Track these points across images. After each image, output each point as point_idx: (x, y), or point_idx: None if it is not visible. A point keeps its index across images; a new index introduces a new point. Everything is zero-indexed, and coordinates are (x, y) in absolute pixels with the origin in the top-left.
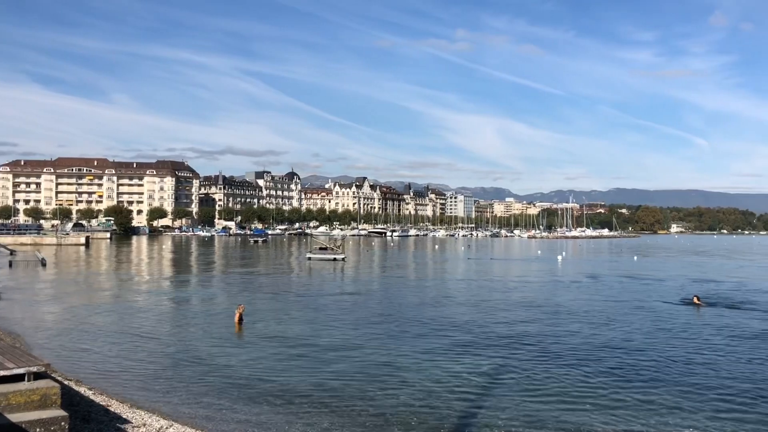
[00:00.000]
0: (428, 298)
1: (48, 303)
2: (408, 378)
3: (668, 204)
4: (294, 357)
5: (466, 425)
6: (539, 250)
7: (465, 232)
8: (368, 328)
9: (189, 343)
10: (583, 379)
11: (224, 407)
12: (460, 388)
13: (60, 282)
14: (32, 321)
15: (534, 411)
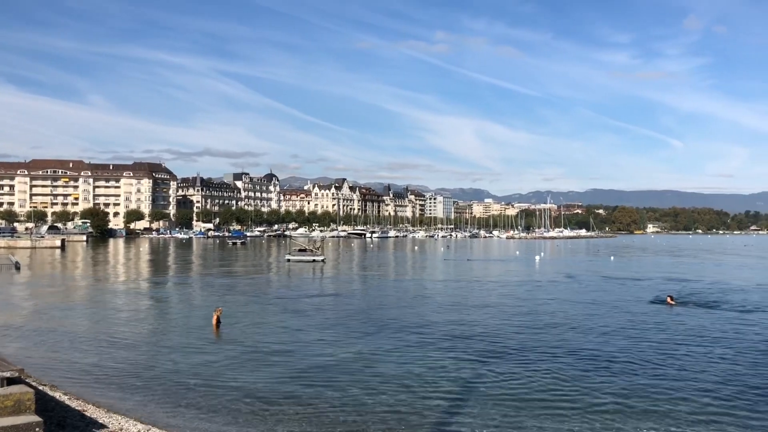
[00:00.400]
0: (407, 299)
1: (22, 307)
2: (388, 380)
3: (644, 204)
4: (273, 360)
5: (445, 426)
6: (518, 250)
7: (444, 233)
8: (347, 330)
9: (166, 346)
10: (557, 380)
11: (203, 412)
12: (439, 390)
13: (34, 286)
14: (5, 325)
15: (509, 412)
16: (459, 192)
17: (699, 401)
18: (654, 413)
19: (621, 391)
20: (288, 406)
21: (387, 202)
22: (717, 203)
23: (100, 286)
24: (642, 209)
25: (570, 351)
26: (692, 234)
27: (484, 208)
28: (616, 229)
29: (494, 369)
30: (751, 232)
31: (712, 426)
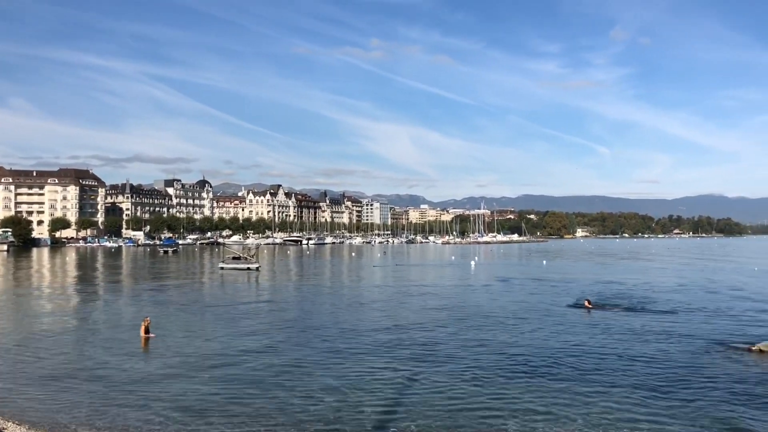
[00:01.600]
0: (343, 306)
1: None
2: (322, 388)
3: (574, 209)
4: (203, 370)
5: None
6: (453, 255)
7: (381, 239)
8: (282, 338)
9: (92, 359)
10: (480, 381)
11: (130, 424)
12: (373, 395)
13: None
14: None
15: (440, 415)
16: (395, 198)
17: (610, 396)
18: (569, 406)
19: (539, 389)
20: (218, 417)
21: (323, 208)
22: (642, 208)
23: (21, 297)
24: (572, 214)
25: (493, 353)
26: (619, 238)
27: (420, 214)
28: (547, 234)
29: (425, 373)
30: (674, 236)
31: (618, 420)
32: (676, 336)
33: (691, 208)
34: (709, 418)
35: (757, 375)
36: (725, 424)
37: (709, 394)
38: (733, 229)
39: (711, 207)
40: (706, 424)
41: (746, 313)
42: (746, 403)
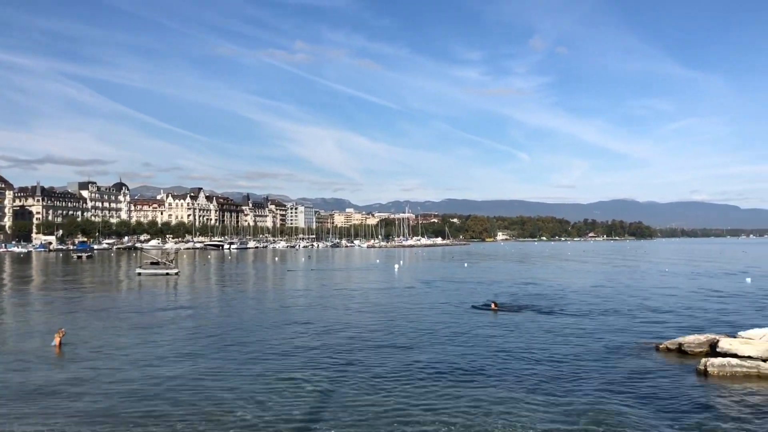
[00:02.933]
0: (265, 311)
1: None
2: (240, 396)
3: (495, 213)
4: (119, 381)
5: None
6: (378, 259)
7: (306, 244)
8: (200, 346)
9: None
10: (390, 385)
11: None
12: (293, 402)
13: None
14: None
15: (357, 421)
16: (320, 202)
17: (501, 398)
18: (477, 406)
19: (444, 388)
20: (133, 428)
21: (246, 212)
22: (559, 212)
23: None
24: (492, 218)
25: (402, 356)
26: (537, 241)
27: (345, 217)
28: (469, 237)
29: (343, 378)
30: (589, 239)
31: (518, 420)
32: (583, 336)
33: (605, 212)
34: (613, 415)
35: (662, 372)
36: (626, 420)
37: (614, 393)
38: (643, 233)
39: (623, 211)
40: (611, 422)
41: (655, 312)
42: (649, 401)
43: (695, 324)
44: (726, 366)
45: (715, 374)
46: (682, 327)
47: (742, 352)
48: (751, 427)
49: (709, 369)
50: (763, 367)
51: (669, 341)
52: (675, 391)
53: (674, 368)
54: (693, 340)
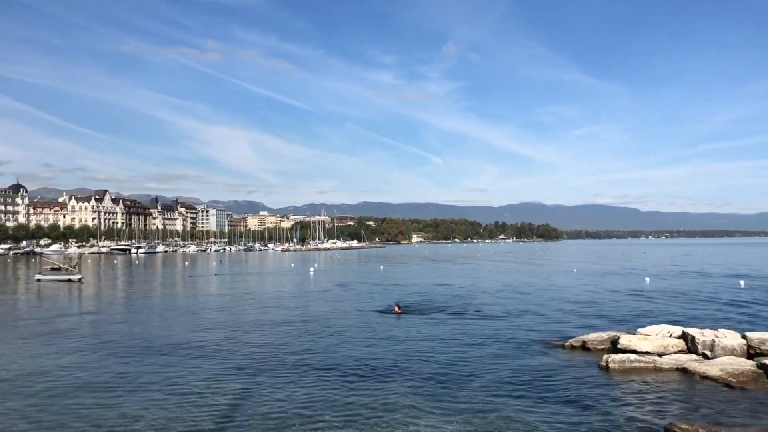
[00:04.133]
0: (174, 316)
1: None
2: (145, 403)
3: (409, 216)
4: (15, 395)
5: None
6: (293, 262)
7: (218, 247)
8: (104, 354)
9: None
10: (295, 389)
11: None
12: (204, 409)
13: None
14: None
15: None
16: (233, 204)
17: (399, 399)
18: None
19: (340, 392)
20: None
21: (155, 215)
22: (472, 215)
23: None
24: (408, 220)
25: (307, 360)
26: (451, 243)
27: (259, 220)
28: (385, 240)
29: (252, 383)
30: (500, 241)
31: (425, 421)
32: (491, 336)
33: (515, 215)
34: (519, 412)
35: (567, 368)
36: (532, 416)
37: (520, 390)
38: (551, 234)
39: (532, 214)
40: (517, 418)
41: (563, 311)
42: (554, 396)
43: (599, 322)
44: (626, 361)
45: (616, 369)
46: (588, 325)
47: (641, 348)
48: (646, 418)
49: (611, 365)
50: (659, 361)
51: (574, 339)
52: (578, 387)
53: (579, 365)
54: (596, 338)
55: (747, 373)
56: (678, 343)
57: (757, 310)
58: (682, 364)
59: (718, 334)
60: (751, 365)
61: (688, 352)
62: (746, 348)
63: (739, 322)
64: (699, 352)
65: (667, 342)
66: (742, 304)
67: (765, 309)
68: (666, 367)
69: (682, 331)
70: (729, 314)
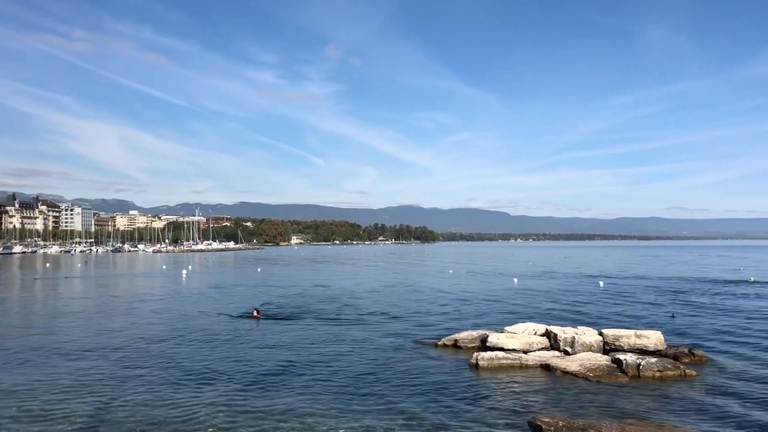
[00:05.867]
0: (29, 323)
1: None
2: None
3: (289, 217)
4: None
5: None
6: (165, 264)
7: (84, 248)
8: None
9: None
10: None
11: None
12: (56, 419)
13: None
14: None
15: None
16: (101, 203)
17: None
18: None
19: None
20: None
21: (12, 213)
22: (352, 217)
23: None
24: (287, 222)
25: (166, 365)
26: (331, 245)
27: (129, 220)
28: (263, 241)
29: (107, 389)
30: (379, 242)
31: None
32: (366, 339)
33: (394, 217)
34: (393, 412)
35: (439, 367)
36: (404, 414)
37: (393, 389)
38: (428, 236)
39: (410, 216)
40: (390, 417)
41: (438, 311)
42: (426, 394)
43: (471, 321)
44: (494, 359)
45: (485, 366)
46: (461, 324)
47: (508, 346)
48: (511, 412)
49: (480, 362)
50: (524, 358)
51: (446, 338)
52: (449, 384)
53: (450, 363)
54: (467, 336)
55: (603, 368)
56: (542, 340)
57: (613, 308)
58: (545, 360)
59: (578, 332)
60: (606, 360)
61: (551, 349)
62: (602, 344)
63: (598, 319)
64: (561, 349)
65: (532, 339)
66: (600, 302)
67: (620, 307)
68: (531, 364)
69: (546, 329)
70: (588, 312)
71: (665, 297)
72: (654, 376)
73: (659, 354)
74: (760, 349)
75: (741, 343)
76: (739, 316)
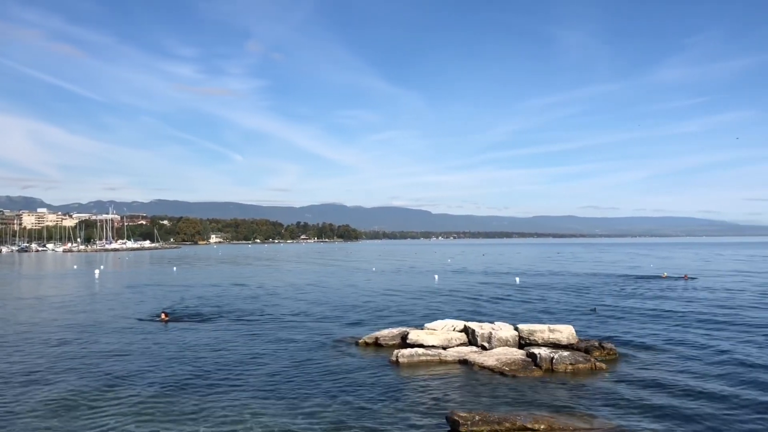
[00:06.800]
0: None
1: None
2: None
3: (208, 215)
4: None
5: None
6: (76, 264)
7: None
8: None
9: None
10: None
11: None
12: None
13: None
14: None
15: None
16: (6, 200)
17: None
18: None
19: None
20: None
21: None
22: (273, 215)
23: None
24: (206, 220)
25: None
26: (251, 243)
27: (36, 218)
28: (181, 240)
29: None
30: (302, 241)
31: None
32: (284, 339)
33: (316, 216)
34: (317, 410)
35: (360, 365)
36: (323, 413)
37: (313, 389)
38: (351, 235)
39: (333, 214)
40: (314, 417)
41: (361, 310)
42: (346, 393)
43: (393, 318)
44: (414, 355)
45: (405, 363)
46: (383, 322)
47: (428, 342)
48: (429, 408)
49: (400, 359)
50: (444, 354)
51: (367, 336)
52: (369, 382)
53: (371, 361)
54: (387, 334)
55: (518, 362)
56: (461, 336)
57: (529, 304)
58: (463, 355)
59: (495, 327)
60: (521, 354)
61: (470, 345)
62: (518, 339)
63: (514, 314)
64: (479, 344)
65: (451, 335)
66: (517, 298)
67: (535, 302)
68: (450, 360)
69: (464, 325)
70: (506, 308)
71: (580, 292)
72: (566, 369)
73: (572, 348)
74: (669, 341)
75: (651, 336)
76: (651, 310)
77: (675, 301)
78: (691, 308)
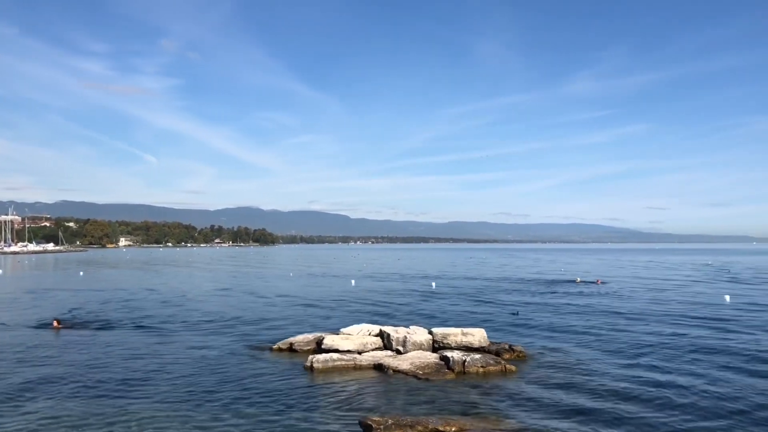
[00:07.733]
0: None
1: None
2: None
3: (117, 218)
4: None
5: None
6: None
7: None
8: None
9: None
10: None
11: None
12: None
13: None
14: None
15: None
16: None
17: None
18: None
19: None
20: None
21: None
22: (186, 218)
23: None
24: (115, 223)
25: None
26: (163, 247)
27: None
28: (87, 243)
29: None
30: (216, 245)
31: None
32: (195, 346)
33: (231, 219)
34: (228, 418)
35: (274, 371)
36: (242, 422)
37: (225, 396)
38: (267, 239)
39: (249, 218)
40: (226, 426)
41: (276, 315)
42: (260, 399)
43: (310, 323)
44: (329, 361)
45: (320, 369)
46: (299, 327)
47: (343, 347)
48: (343, 413)
49: (315, 365)
50: (359, 358)
51: (281, 342)
52: (282, 388)
53: (285, 366)
54: (302, 339)
55: (432, 365)
56: (376, 340)
57: (443, 308)
58: (378, 360)
59: (410, 331)
60: (435, 358)
61: (385, 349)
62: (432, 342)
63: (430, 318)
64: (393, 348)
65: (367, 340)
66: (433, 302)
67: (450, 306)
68: (365, 364)
69: (380, 330)
70: (421, 311)
71: (494, 296)
72: (478, 371)
73: (483, 350)
74: (578, 343)
75: (561, 338)
76: (563, 313)
77: (588, 305)
78: (601, 310)
